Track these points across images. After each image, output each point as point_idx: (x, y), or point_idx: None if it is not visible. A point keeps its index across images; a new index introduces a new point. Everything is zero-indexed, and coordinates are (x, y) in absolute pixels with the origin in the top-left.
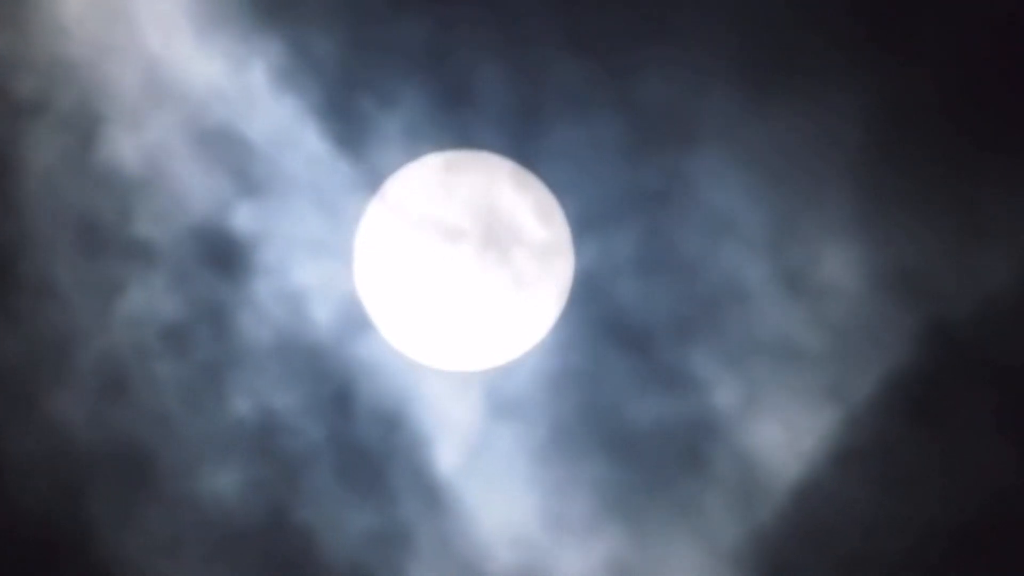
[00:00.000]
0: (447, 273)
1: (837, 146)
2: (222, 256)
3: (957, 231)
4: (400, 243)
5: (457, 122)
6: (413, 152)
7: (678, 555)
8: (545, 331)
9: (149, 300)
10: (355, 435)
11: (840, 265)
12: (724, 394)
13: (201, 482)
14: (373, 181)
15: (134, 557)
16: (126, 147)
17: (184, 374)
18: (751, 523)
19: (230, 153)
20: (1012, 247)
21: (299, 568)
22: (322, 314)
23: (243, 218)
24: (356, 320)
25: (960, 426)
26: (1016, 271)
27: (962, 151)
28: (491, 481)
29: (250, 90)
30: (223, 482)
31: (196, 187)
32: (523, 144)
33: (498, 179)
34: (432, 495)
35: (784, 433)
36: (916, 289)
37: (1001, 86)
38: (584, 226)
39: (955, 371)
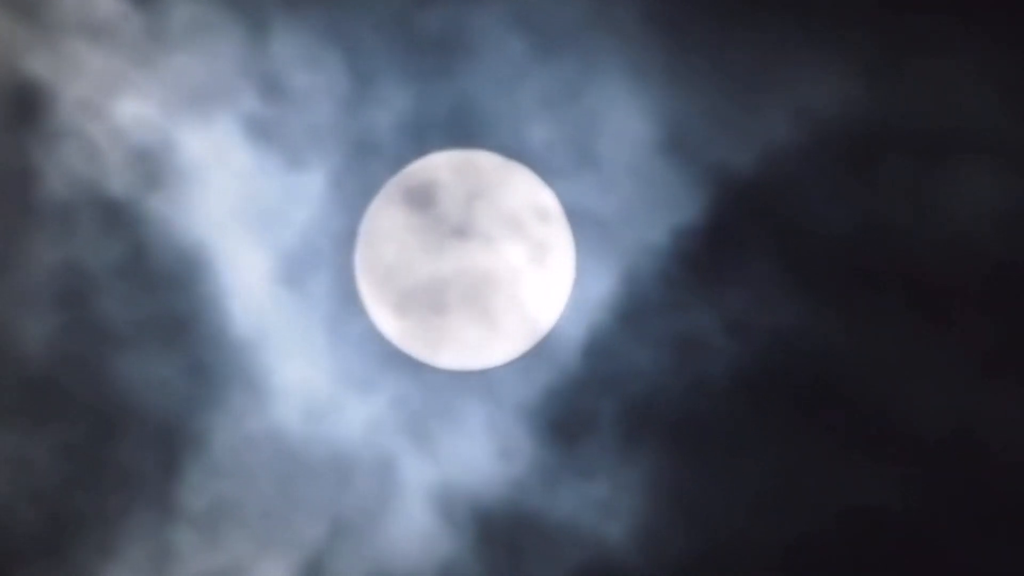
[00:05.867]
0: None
1: (619, 8)
2: (19, 108)
3: (735, 89)
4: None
5: None
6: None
7: (465, 405)
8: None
9: None
10: (156, 291)
11: (622, 127)
12: (508, 253)
13: (9, 337)
14: (171, 32)
15: None
16: None
17: None
18: (539, 378)
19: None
20: (789, 102)
21: (109, 419)
22: (121, 166)
23: (39, 68)
24: (153, 175)
25: (744, 280)
26: (793, 125)
27: (736, 10)
28: (283, 339)
29: None
30: (32, 336)
31: None
32: None
33: None
34: (229, 350)
35: (571, 292)
36: (697, 148)
37: None
38: (367, 79)
39: (738, 227)
